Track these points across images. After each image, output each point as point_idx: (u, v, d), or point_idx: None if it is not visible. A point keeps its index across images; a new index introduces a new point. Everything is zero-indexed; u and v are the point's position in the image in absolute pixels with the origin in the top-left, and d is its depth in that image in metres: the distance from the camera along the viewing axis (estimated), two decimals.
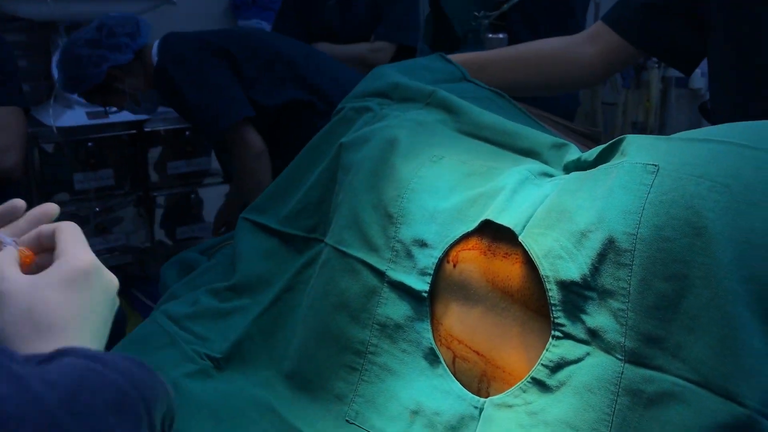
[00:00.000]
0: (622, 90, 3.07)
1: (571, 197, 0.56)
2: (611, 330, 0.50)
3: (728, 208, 0.47)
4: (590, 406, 0.50)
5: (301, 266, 0.77)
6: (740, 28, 0.86)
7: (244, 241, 0.82)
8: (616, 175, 0.54)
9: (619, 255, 0.50)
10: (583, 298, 0.52)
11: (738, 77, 0.89)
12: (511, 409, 0.55)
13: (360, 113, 0.81)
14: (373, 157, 0.72)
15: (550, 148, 0.68)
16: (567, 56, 0.98)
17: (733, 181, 0.48)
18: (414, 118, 0.76)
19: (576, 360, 0.52)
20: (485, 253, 0.61)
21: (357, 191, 0.71)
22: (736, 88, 0.89)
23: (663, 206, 0.49)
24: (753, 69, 0.87)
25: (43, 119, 2.15)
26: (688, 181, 0.49)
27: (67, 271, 0.45)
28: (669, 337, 0.47)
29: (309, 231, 0.79)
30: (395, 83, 0.82)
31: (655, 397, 0.47)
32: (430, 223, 0.65)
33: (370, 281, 0.67)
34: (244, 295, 0.79)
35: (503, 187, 0.62)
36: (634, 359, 0.49)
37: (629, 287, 0.49)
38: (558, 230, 0.55)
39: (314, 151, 0.83)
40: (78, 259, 0.46)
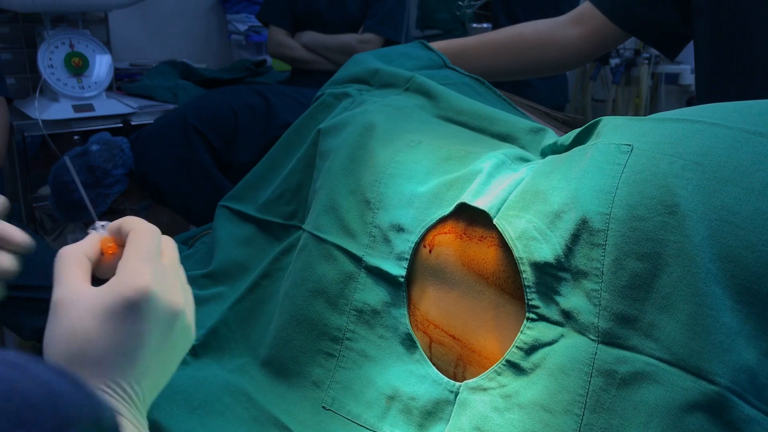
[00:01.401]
0: (612, 86, 3.07)
1: (545, 179, 0.56)
2: (585, 311, 0.50)
3: (700, 186, 0.47)
4: (564, 387, 0.50)
5: (278, 253, 0.76)
6: (725, 13, 0.86)
7: (222, 229, 0.81)
8: (590, 156, 0.54)
9: (592, 235, 0.50)
10: (557, 280, 0.52)
11: (722, 63, 0.88)
12: (486, 392, 0.55)
13: (339, 99, 0.80)
14: (351, 142, 0.71)
15: (528, 133, 0.68)
16: (549, 39, 0.98)
17: (706, 159, 0.47)
18: (392, 103, 0.75)
19: (550, 342, 0.52)
20: (461, 237, 0.60)
21: (334, 177, 0.70)
22: (720, 74, 0.89)
23: (636, 185, 0.49)
24: (737, 55, 0.87)
25: (28, 112, 2.13)
26: (661, 159, 0.49)
27: (115, 298, 0.41)
28: (642, 317, 0.47)
29: (287, 218, 0.78)
30: (375, 69, 0.81)
31: (628, 378, 0.47)
32: (407, 207, 0.64)
33: (347, 267, 0.66)
34: (222, 282, 0.78)
35: (479, 171, 0.62)
36: (608, 340, 0.48)
37: (603, 267, 0.49)
38: (532, 212, 0.55)
39: (293, 137, 0.82)
40: (131, 284, 0.41)
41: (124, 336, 0.41)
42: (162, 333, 0.43)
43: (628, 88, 3.08)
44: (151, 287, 0.42)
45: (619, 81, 3.07)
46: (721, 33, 0.87)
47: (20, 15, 2.27)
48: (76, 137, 2.14)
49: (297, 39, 2.12)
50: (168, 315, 0.43)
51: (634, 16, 0.95)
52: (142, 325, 0.41)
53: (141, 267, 0.43)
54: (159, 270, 0.44)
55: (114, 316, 0.41)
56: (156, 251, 0.45)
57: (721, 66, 0.89)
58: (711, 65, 0.89)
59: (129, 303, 0.41)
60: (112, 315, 0.41)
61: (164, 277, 0.44)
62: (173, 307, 0.43)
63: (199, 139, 1.72)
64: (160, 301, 0.42)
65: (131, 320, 0.41)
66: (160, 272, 0.44)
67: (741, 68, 0.87)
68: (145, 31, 2.69)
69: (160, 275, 0.43)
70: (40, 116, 2.05)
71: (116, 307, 0.41)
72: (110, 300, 0.41)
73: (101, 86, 2.18)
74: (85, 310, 0.41)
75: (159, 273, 0.43)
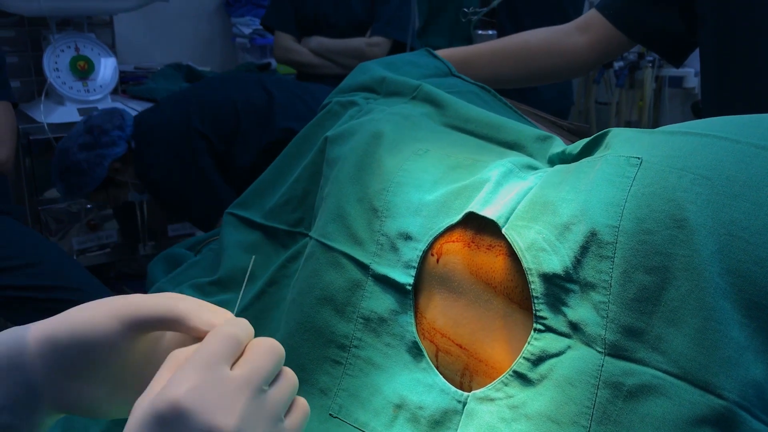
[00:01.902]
0: (616, 89, 3.07)
1: (554, 190, 0.56)
2: (592, 323, 0.50)
3: (710, 200, 0.47)
4: (571, 399, 0.50)
5: (285, 260, 0.76)
6: (730, 21, 0.87)
7: (229, 236, 0.82)
8: (599, 168, 0.54)
9: (601, 247, 0.50)
10: (565, 291, 0.52)
11: (728, 70, 0.89)
12: (493, 403, 0.55)
13: (346, 107, 0.80)
14: (359, 150, 0.71)
15: (535, 141, 0.68)
16: (555, 47, 0.98)
17: (715, 173, 0.48)
18: (399, 111, 0.76)
19: (557, 353, 0.52)
20: (469, 245, 0.61)
21: (342, 185, 0.71)
22: (726, 81, 0.89)
23: (645, 199, 0.49)
24: (742, 63, 0.87)
25: (33, 115, 2.14)
26: (671, 173, 0.49)
27: (146, 407, 0.37)
28: (649, 330, 0.47)
29: (293, 225, 0.78)
30: (381, 77, 0.81)
31: (635, 390, 0.47)
32: (415, 216, 0.64)
33: (354, 275, 0.66)
34: (229, 289, 0.78)
35: (487, 180, 0.62)
36: (615, 352, 0.49)
37: (611, 280, 0.49)
38: (541, 222, 0.55)
39: (300, 145, 0.82)
40: (162, 395, 0.37)
41: None
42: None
43: (632, 91, 3.09)
44: (180, 401, 0.36)
45: (623, 84, 3.07)
46: (726, 41, 0.87)
47: (26, 18, 2.28)
48: None
49: (304, 44, 2.13)
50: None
51: (640, 23, 0.95)
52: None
53: (184, 375, 0.38)
54: (210, 382, 0.38)
55: (144, 427, 0.37)
56: (219, 358, 0.39)
57: (726, 73, 0.89)
58: (716, 73, 0.90)
59: (157, 415, 0.36)
60: (142, 426, 0.37)
61: (214, 392, 0.37)
62: (212, 428, 0.37)
63: (202, 140, 1.72)
64: (192, 419, 0.36)
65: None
66: (210, 385, 0.38)
67: (746, 76, 0.87)
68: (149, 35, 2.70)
69: (207, 389, 0.37)
70: (46, 119, 2.06)
71: (147, 418, 0.37)
72: (142, 410, 0.37)
73: (106, 89, 2.19)
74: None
75: (207, 386, 0.37)
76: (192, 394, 0.36)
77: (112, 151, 1.75)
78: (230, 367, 0.39)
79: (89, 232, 2.18)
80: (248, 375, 0.39)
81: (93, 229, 2.19)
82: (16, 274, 1.49)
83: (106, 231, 2.22)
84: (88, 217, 2.18)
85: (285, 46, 2.14)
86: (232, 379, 0.38)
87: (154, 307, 0.43)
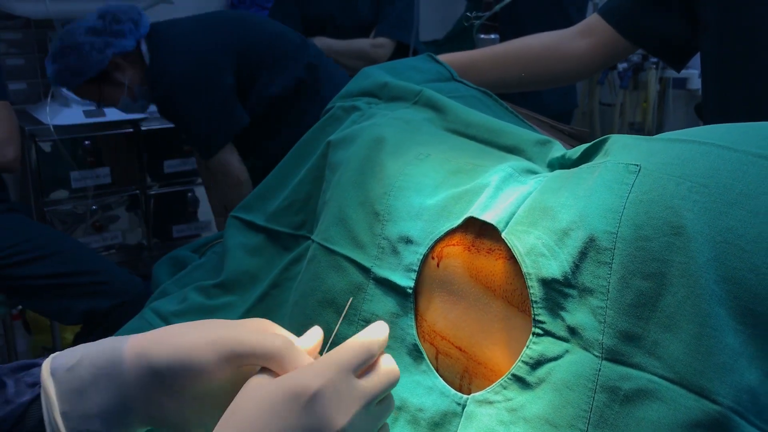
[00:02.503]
0: (620, 91, 3.07)
1: (553, 195, 0.57)
2: (590, 327, 0.51)
3: (706, 208, 0.47)
4: (569, 402, 0.50)
5: (288, 263, 0.77)
6: (733, 26, 0.87)
7: (232, 239, 0.83)
8: (598, 174, 0.55)
9: (599, 253, 0.51)
10: (564, 296, 0.53)
11: (729, 75, 0.89)
12: (492, 406, 0.55)
13: (348, 112, 0.81)
14: (361, 155, 0.72)
15: (534, 145, 0.69)
16: (557, 51, 0.99)
17: (712, 181, 0.48)
18: (401, 116, 0.76)
19: (555, 357, 0.53)
20: (469, 249, 0.61)
21: (344, 189, 0.72)
22: (727, 86, 0.90)
23: (643, 205, 0.50)
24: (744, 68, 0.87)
25: (39, 117, 2.15)
26: (669, 180, 0.50)
27: (266, 391, 0.43)
28: (646, 335, 0.48)
29: (296, 228, 0.79)
30: (384, 82, 0.82)
31: (631, 394, 0.48)
32: (416, 220, 0.65)
33: (355, 278, 0.67)
34: (232, 291, 0.79)
35: (487, 184, 0.63)
36: (612, 357, 0.49)
37: (608, 285, 0.50)
38: (540, 228, 0.56)
39: (303, 149, 0.83)
40: (298, 377, 0.43)
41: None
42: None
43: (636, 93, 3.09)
44: (314, 388, 0.42)
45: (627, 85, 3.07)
46: (727, 45, 0.88)
47: (32, 21, 2.29)
48: (87, 142, 2.16)
49: None
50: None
51: (642, 28, 0.96)
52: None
53: (321, 370, 0.43)
54: (338, 382, 0.43)
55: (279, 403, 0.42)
56: (351, 365, 0.44)
57: (728, 78, 0.89)
58: (718, 77, 0.90)
59: (291, 393, 0.42)
60: (276, 400, 0.42)
61: (339, 392, 0.43)
62: (328, 421, 0.42)
63: (229, 57, 1.67)
64: (315, 406, 0.42)
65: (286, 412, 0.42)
66: (338, 385, 0.43)
67: (748, 80, 0.87)
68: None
69: (335, 388, 0.43)
70: (51, 121, 2.08)
71: (283, 395, 0.42)
72: (273, 388, 0.43)
73: None
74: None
75: (336, 385, 0.43)
76: (324, 388, 0.42)
77: (119, 43, 1.68)
78: (357, 374, 0.45)
79: (94, 233, 2.20)
80: (369, 389, 0.45)
81: (98, 231, 2.20)
82: (42, 264, 1.55)
83: (111, 232, 2.24)
84: (93, 218, 2.20)
85: None
86: (356, 388, 0.44)
87: (253, 344, 0.46)
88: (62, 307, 1.58)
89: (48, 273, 1.55)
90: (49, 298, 1.57)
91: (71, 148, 2.12)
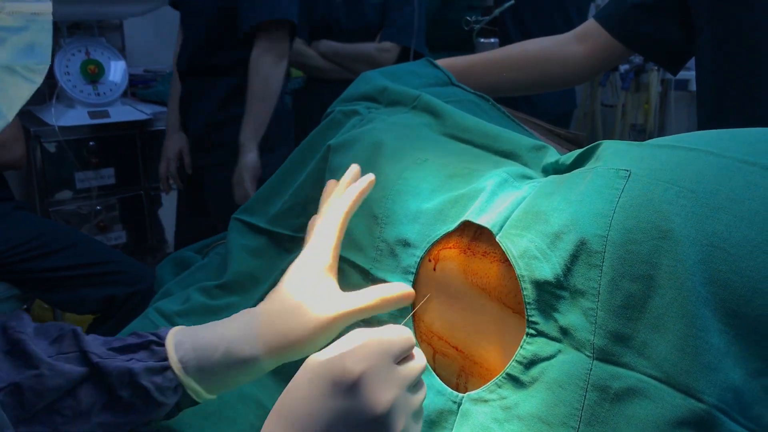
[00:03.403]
0: (621, 92, 3.08)
1: (546, 200, 0.58)
2: (581, 328, 0.52)
3: (693, 212, 0.49)
4: (561, 401, 0.52)
5: (288, 265, 0.78)
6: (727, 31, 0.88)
7: (235, 241, 0.84)
8: (590, 180, 0.56)
9: (590, 256, 0.52)
10: (556, 297, 0.54)
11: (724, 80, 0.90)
12: (487, 404, 0.57)
13: (348, 116, 0.83)
14: (360, 159, 0.74)
15: (530, 151, 0.70)
16: (553, 56, 1.00)
17: (699, 186, 0.50)
18: (400, 121, 0.78)
19: (548, 357, 0.54)
20: (465, 252, 0.63)
21: None
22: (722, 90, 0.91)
23: (632, 210, 0.51)
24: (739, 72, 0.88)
25: (45, 118, 2.17)
26: (657, 186, 0.51)
27: (315, 371, 0.48)
28: (635, 336, 0.49)
29: (297, 230, 0.81)
30: (383, 87, 0.83)
31: (621, 393, 0.49)
32: (413, 223, 0.67)
33: (354, 279, 0.69)
34: (234, 292, 0.81)
35: (483, 189, 0.64)
36: (603, 356, 0.51)
37: (599, 287, 0.51)
38: (533, 231, 0.57)
39: (304, 153, 0.85)
40: (341, 362, 0.47)
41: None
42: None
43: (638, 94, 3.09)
44: (357, 373, 0.46)
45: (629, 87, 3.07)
46: (723, 50, 0.89)
47: None
48: (91, 143, 2.18)
49: (314, 48, 2.14)
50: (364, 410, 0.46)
51: (638, 33, 0.97)
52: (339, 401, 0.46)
53: (365, 354, 0.47)
54: (381, 368, 0.47)
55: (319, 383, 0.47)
56: (394, 353, 0.49)
57: (722, 82, 0.90)
58: (713, 82, 0.91)
59: (333, 376, 0.46)
60: (316, 379, 0.47)
61: (381, 377, 0.47)
62: (371, 403, 0.46)
63: None
64: (359, 389, 0.46)
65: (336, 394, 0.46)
66: (380, 370, 0.47)
67: (742, 85, 0.89)
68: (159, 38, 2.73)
69: (378, 372, 0.47)
70: (57, 122, 2.09)
71: (324, 376, 0.47)
72: (317, 367, 0.48)
73: (116, 92, 2.21)
74: None
75: (378, 370, 0.47)
76: (367, 373, 0.46)
77: None
78: (397, 361, 0.49)
79: (98, 233, 2.21)
80: (407, 375, 0.49)
81: (102, 230, 2.22)
82: (57, 257, 1.59)
83: (115, 232, 2.26)
84: (97, 218, 2.22)
85: (296, 49, 2.16)
86: (397, 373, 0.48)
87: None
88: (80, 296, 1.62)
89: (65, 265, 1.59)
90: (67, 289, 1.61)
91: (76, 149, 2.13)
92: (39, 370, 0.54)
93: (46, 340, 0.58)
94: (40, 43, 0.44)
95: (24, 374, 0.54)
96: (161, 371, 0.59)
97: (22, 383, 0.53)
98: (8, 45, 0.42)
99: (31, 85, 0.44)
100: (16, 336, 0.56)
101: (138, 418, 0.58)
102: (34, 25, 0.44)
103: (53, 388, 0.54)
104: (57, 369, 0.55)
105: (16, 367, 0.54)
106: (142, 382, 0.57)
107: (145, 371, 0.58)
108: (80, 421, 0.55)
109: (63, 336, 0.58)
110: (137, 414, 0.58)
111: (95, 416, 0.56)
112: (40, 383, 0.54)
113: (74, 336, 0.58)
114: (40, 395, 0.54)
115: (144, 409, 0.58)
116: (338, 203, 0.66)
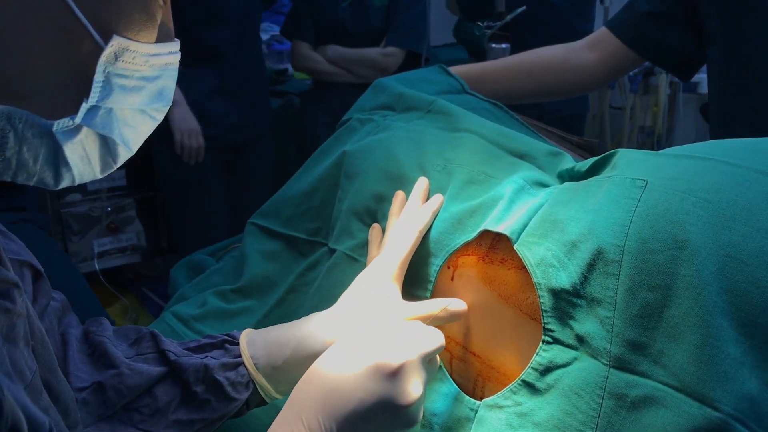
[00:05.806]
0: (630, 94, 3.07)
1: (563, 208, 0.59)
2: (598, 336, 0.53)
3: (710, 222, 0.49)
4: (577, 408, 0.52)
5: (304, 269, 0.79)
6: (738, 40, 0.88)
7: (251, 245, 0.85)
8: (606, 189, 0.56)
9: (607, 265, 0.53)
10: (573, 305, 0.55)
11: (734, 88, 0.91)
12: (502, 410, 0.57)
13: (364, 124, 0.84)
14: (377, 166, 0.75)
15: (546, 155, 0.71)
16: (566, 63, 1.01)
17: (716, 196, 0.50)
18: (415, 128, 0.79)
19: (564, 364, 0.55)
20: (483, 259, 0.64)
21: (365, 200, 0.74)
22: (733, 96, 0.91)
23: (649, 220, 0.52)
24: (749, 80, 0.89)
25: None
26: (674, 196, 0.52)
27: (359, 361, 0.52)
28: (652, 344, 0.50)
29: (312, 234, 0.81)
30: (399, 93, 0.84)
31: (638, 401, 0.50)
32: (432, 232, 0.67)
33: None
34: (250, 296, 0.81)
35: (501, 197, 0.65)
36: (619, 365, 0.51)
37: (616, 296, 0.52)
38: (550, 240, 0.58)
39: (319, 158, 0.86)
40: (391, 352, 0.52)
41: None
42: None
43: (646, 96, 3.08)
44: (398, 366, 0.51)
45: (637, 89, 3.06)
46: (734, 57, 0.89)
47: None
48: None
49: (321, 52, 2.16)
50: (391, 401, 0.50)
51: (649, 41, 0.97)
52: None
53: (406, 350, 0.52)
54: (417, 365, 0.52)
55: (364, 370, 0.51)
56: (427, 353, 0.53)
57: (733, 88, 0.91)
58: (724, 88, 0.92)
59: (378, 365, 0.51)
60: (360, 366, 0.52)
61: (414, 373, 0.52)
62: (403, 392, 0.51)
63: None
64: (397, 380, 0.50)
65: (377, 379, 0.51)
66: (416, 367, 0.52)
67: (753, 90, 0.89)
68: None
69: (413, 369, 0.52)
70: None
71: (370, 364, 0.51)
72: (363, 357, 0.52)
73: None
74: None
75: (414, 367, 0.52)
76: (405, 365, 0.51)
77: None
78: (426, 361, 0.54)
79: (109, 235, 2.23)
80: (428, 375, 0.55)
81: (113, 232, 2.24)
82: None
83: (126, 234, 2.27)
84: (108, 219, 2.23)
85: (302, 54, 2.18)
86: (425, 372, 0.54)
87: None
88: None
89: None
90: None
91: None
92: (119, 369, 0.57)
93: (126, 342, 0.61)
94: (167, 87, 0.50)
95: (105, 374, 0.57)
96: (234, 367, 0.61)
97: (105, 382, 0.57)
98: (145, 92, 0.48)
99: (154, 122, 0.50)
100: (97, 339, 0.59)
101: (211, 415, 0.61)
102: (165, 74, 0.49)
103: (132, 386, 0.57)
104: (136, 369, 0.58)
105: (98, 368, 0.58)
106: (217, 376, 0.60)
107: (219, 366, 0.60)
108: (157, 418, 0.58)
109: (142, 338, 0.62)
110: (211, 410, 0.60)
111: (172, 413, 0.59)
112: (120, 382, 0.57)
113: (152, 337, 0.62)
114: (120, 393, 0.57)
115: (217, 405, 0.61)
116: (414, 219, 0.67)
